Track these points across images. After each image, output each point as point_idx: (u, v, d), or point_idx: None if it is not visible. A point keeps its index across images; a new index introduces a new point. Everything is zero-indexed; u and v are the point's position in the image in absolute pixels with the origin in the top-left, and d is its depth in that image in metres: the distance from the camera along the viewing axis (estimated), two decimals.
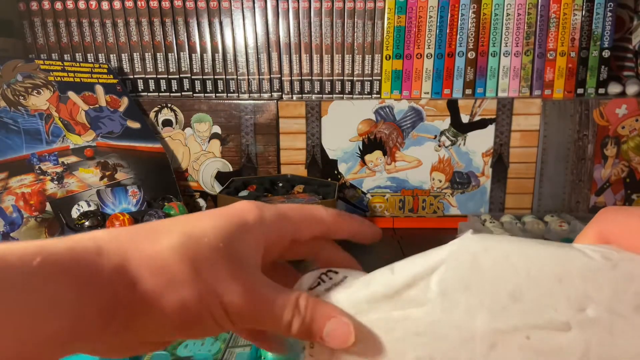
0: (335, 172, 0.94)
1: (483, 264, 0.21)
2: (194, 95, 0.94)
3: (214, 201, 0.94)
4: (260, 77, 0.93)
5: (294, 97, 0.93)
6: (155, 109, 0.92)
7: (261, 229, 0.24)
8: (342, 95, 0.93)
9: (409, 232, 0.92)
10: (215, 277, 0.22)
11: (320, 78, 0.93)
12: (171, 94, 0.94)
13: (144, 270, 0.21)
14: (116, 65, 0.93)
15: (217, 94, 0.94)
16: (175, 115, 0.93)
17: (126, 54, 0.93)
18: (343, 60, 0.92)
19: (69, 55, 0.93)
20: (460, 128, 0.91)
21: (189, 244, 0.22)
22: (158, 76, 0.94)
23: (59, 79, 0.83)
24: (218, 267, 0.22)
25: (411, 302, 0.22)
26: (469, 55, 0.90)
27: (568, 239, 0.76)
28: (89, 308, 0.19)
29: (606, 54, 0.90)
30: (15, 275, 0.18)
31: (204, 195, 0.96)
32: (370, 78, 0.92)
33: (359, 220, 0.28)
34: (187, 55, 0.93)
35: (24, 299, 0.18)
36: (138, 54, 0.93)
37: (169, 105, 0.92)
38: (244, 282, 0.22)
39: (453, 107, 0.90)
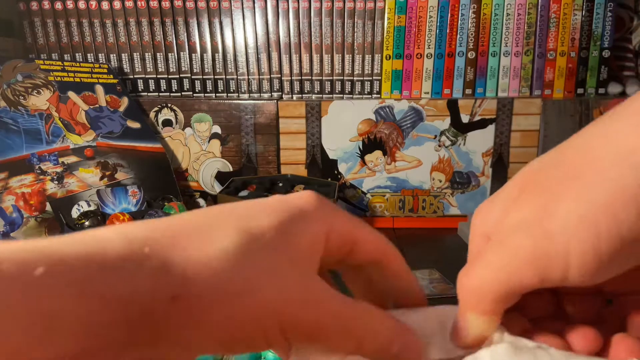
0: (335, 172, 0.94)
1: None
2: (194, 95, 0.94)
3: (214, 201, 0.95)
4: (260, 77, 0.93)
5: (294, 97, 0.93)
6: (155, 109, 0.92)
7: (323, 221, 0.21)
8: (342, 95, 0.93)
9: (409, 232, 0.92)
10: (275, 287, 0.18)
11: (320, 78, 0.93)
12: (171, 94, 0.94)
13: (190, 281, 0.17)
14: (116, 65, 0.93)
15: (217, 94, 0.94)
16: (175, 115, 0.93)
17: (126, 54, 0.93)
18: (343, 60, 0.92)
19: (69, 55, 0.93)
20: (460, 128, 0.91)
21: (246, 246, 0.18)
22: (158, 76, 0.94)
23: (59, 79, 0.83)
24: (278, 274, 0.19)
25: None
26: (469, 55, 0.90)
27: None
28: (108, 327, 0.16)
29: (606, 54, 0.90)
30: (10, 287, 0.15)
31: (204, 195, 0.96)
32: (370, 78, 0.92)
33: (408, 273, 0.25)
34: (187, 55, 0.93)
35: (18, 317, 0.14)
36: (138, 54, 0.93)
37: (169, 105, 0.92)
38: (307, 291, 0.19)
39: (453, 107, 0.90)
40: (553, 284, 0.19)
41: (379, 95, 0.92)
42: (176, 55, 0.93)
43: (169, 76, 0.94)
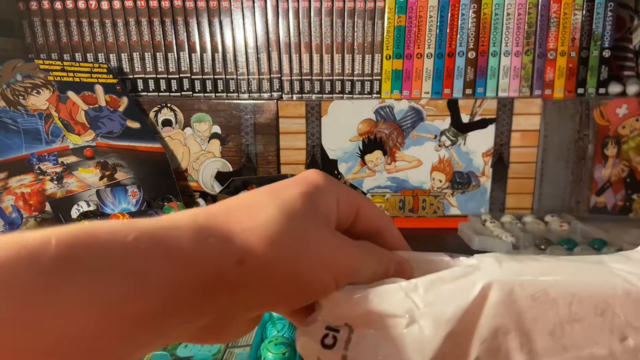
0: (336, 172, 0.94)
1: (521, 304, 0.20)
2: (194, 95, 0.94)
3: (213, 201, 0.94)
4: (260, 77, 0.93)
5: (294, 97, 0.93)
6: (155, 108, 0.92)
7: (333, 191, 0.25)
8: (342, 95, 0.93)
9: (409, 232, 0.91)
10: (322, 244, 0.22)
11: (320, 78, 0.93)
12: (171, 94, 0.94)
13: (250, 246, 0.20)
14: (116, 65, 0.93)
15: (217, 94, 0.94)
16: (175, 115, 0.92)
17: (126, 54, 0.93)
18: (343, 60, 0.91)
19: (68, 55, 0.93)
20: (460, 128, 0.91)
21: (287, 214, 0.22)
22: (158, 76, 0.93)
23: (58, 78, 0.83)
24: (319, 233, 0.22)
25: None
26: (469, 55, 0.90)
27: (568, 239, 0.76)
28: (188, 286, 0.19)
29: (606, 53, 0.90)
30: (105, 251, 0.18)
31: (204, 195, 0.96)
32: (371, 78, 0.92)
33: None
34: (187, 55, 0.92)
35: (114, 275, 0.17)
36: (138, 53, 0.93)
37: (169, 105, 0.92)
38: (342, 244, 0.23)
39: (453, 107, 0.90)
40: None
41: (379, 95, 0.92)
42: (176, 55, 0.93)
43: (169, 76, 0.94)
